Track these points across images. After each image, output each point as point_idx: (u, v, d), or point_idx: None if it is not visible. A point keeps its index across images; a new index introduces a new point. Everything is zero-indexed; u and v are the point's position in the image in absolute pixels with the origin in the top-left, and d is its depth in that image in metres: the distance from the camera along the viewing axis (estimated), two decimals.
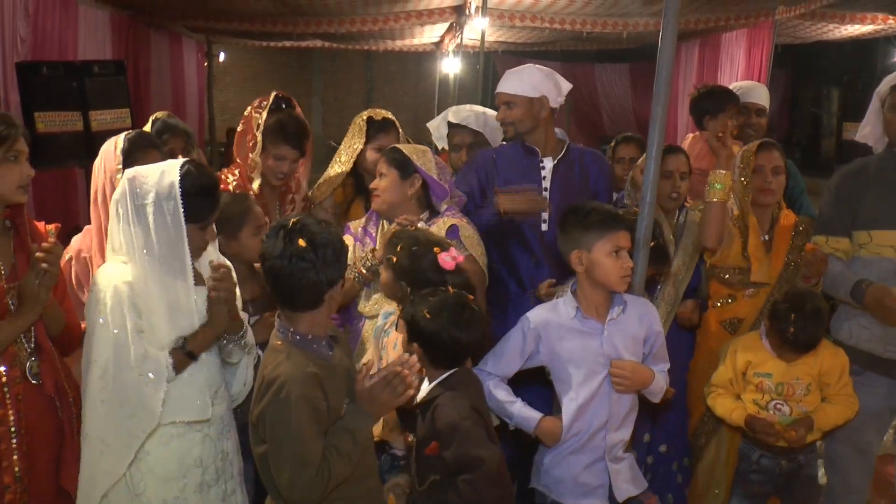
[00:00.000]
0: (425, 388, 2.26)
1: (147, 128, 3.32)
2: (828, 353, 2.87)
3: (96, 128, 5.41)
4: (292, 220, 2.04)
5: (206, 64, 11.25)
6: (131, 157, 2.55)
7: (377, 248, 2.87)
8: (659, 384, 2.53)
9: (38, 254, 2.17)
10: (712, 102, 4.01)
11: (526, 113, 3.16)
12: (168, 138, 3.31)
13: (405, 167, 2.92)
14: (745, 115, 4.10)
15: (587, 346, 2.48)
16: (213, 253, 2.39)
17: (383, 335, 2.64)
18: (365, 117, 3.44)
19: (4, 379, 2.22)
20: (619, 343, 2.48)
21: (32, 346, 2.29)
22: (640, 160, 3.50)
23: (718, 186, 3.04)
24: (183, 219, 2.15)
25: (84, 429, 2.21)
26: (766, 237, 3.17)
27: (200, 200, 2.19)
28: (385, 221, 2.99)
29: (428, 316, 2.21)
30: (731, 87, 4.34)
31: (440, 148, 4.27)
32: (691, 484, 3.33)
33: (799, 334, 2.77)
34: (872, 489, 3.24)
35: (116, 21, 7.59)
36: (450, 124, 3.84)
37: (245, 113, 3.22)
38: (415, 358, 2.04)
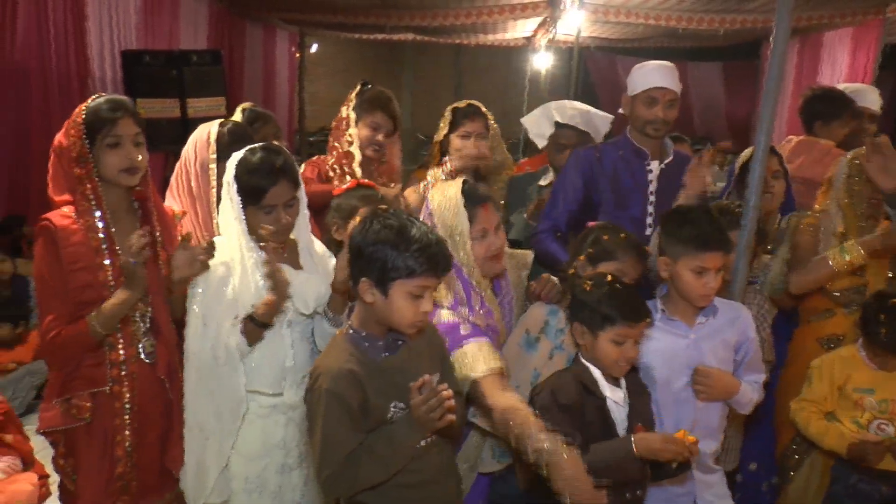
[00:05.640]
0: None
1: (237, 116, 3.42)
2: None
3: (192, 114, 5.59)
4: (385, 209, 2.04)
5: (297, 55, 11.46)
6: (231, 148, 2.56)
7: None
8: (746, 395, 2.43)
9: (195, 246, 2.28)
10: (827, 107, 3.70)
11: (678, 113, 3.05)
12: (260, 126, 3.40)
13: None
14: (858, 121, 3.76)
15: (672, 348, 2.42)
16: (304, 234, 2.48)
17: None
18: (451, 108, 3.44)
19: (123, 357, 2.29)
20: (706, 348, 2.41)
21: (147, 325, 2.34)
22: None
23: (847, 258, 2.79)
24: (238, 199, 2.30)
25: (186, 418, 2.33)
26: None
27: (256, 179, 2.30)
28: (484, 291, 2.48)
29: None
30: (839, 88, 4.07)
31: (540, 147, 4.16)
32: None
33: (892, 335, 2.63)
34: None
35: (214, 12, 7.82)
36: (557, 124, 3.74)
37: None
38: (444, 385, 1.89)
